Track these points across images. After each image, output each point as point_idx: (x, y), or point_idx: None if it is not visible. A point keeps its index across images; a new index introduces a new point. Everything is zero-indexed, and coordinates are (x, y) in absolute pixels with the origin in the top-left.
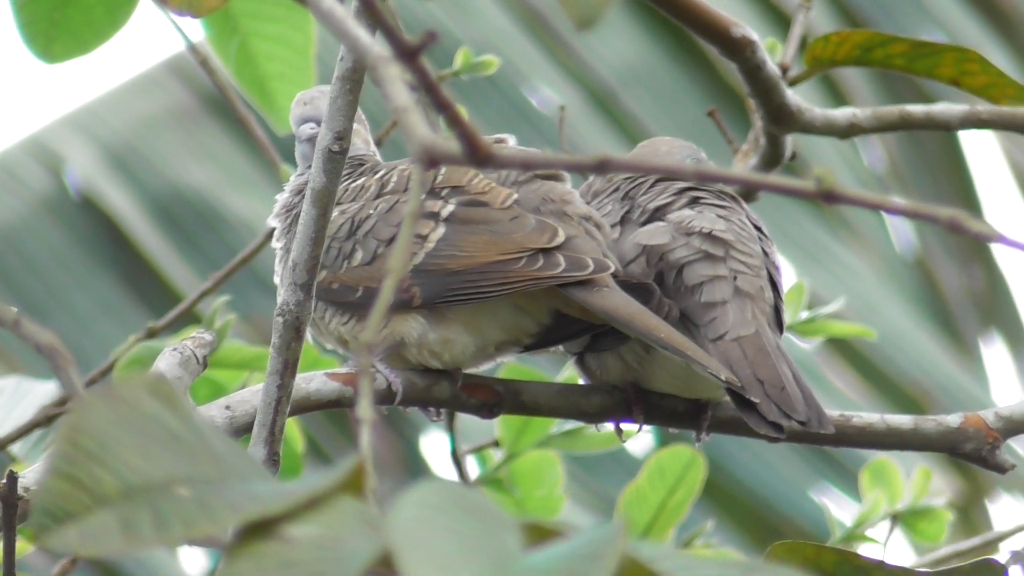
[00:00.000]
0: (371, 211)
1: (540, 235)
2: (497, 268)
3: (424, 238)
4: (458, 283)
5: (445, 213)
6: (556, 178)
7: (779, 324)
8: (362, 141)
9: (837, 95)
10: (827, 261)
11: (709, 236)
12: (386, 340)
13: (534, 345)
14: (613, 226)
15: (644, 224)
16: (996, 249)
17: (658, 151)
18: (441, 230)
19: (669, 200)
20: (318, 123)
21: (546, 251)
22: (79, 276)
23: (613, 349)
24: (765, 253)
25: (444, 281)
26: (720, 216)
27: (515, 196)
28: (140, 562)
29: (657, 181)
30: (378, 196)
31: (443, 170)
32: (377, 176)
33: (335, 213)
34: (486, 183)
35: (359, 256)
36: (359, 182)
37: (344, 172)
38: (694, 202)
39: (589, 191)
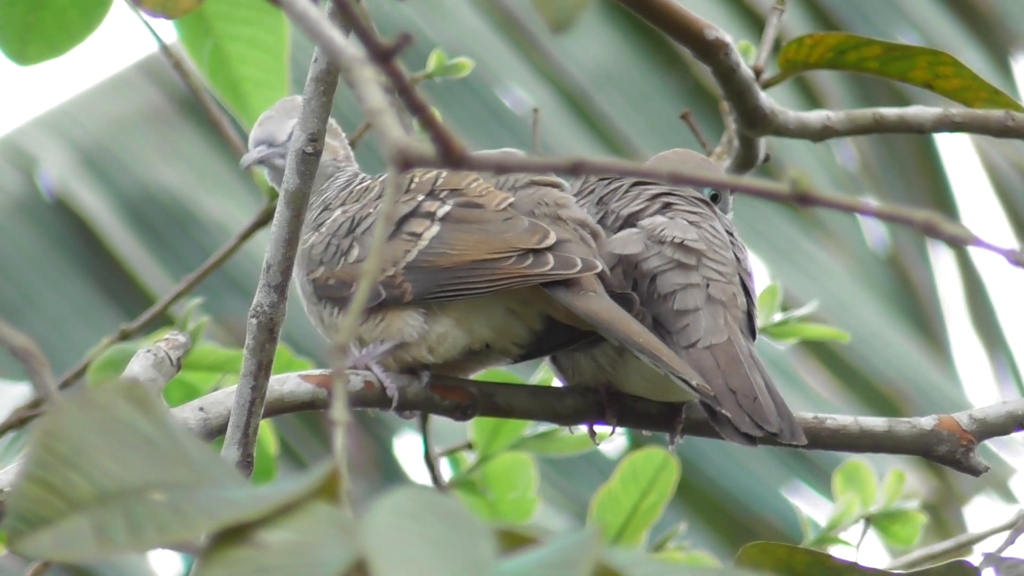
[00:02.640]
0: (371, 210)
1: (531, 236)
2: (486, 265)
3: (418, 236)
4: (448, 279)
5: (441, 213)
6: (555, 185)
7: (752, 330)
8: (339, 153)
9: (810, 97)
10: (801, 261)
11: (681, 245)
12: (387, 342)
13: (526, 356)
14: None
15: (617, 231)
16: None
17: (684, 162)
18: (435, 228)
19: (642, 206)
20: (269, 144)
21: (536, 251)
22: (52, 278)
23: (584, 350)
24: (737, 259)
25: (435, 277)
26: (692, 223)
27: (511, 200)
28: (113, 565)
29: (633, 185)
30: (379, 197)
31: (444, 174)
32: (381, 179)
33: (337, 212)
34: (484, 187)
35: (355, 253)
36: (364, 184)
37: (343, 180)
38: (666, 207)
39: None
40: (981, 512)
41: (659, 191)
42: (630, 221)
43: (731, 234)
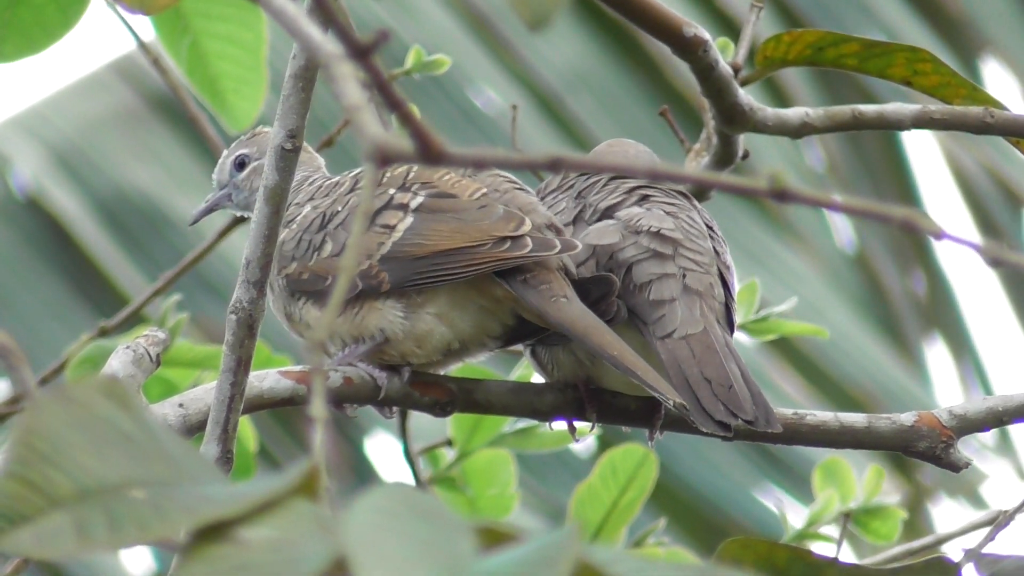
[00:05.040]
0: (339, 207)
1: (506, 223)
2: (463, 252)
3: (392, 228)
4: (425, 267)
5: (414, 204)
6: (521, 188)
7: (730, 322)
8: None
9: (780, 97)
10: (772, 264)
11: (657, 235)
12: (369, 341)
13: (505, 344)
14: (566, 225)
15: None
16: (939, 251)
17: (626, 153)
18: (409, 220)
19: (619, 199)
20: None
21: (513, 238)
22: (25, 277)
23: (563, 344)
24: (716, 252)
25: (411, 266)
26: (669, 214)
27: (484, 190)
28: (87, 564)
29: (610, 180)
30: (351, 191)
31: (415, 169)
32: (352, 174)
33: (307, 208)
34: (456, 179)
35: (328, 248)
36: (334, 179)
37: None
38: (644, 200)
39: (545, 191)
40: (951, 519)
41: (636, 184)
42: (607, 214)
43: (711, 228)
